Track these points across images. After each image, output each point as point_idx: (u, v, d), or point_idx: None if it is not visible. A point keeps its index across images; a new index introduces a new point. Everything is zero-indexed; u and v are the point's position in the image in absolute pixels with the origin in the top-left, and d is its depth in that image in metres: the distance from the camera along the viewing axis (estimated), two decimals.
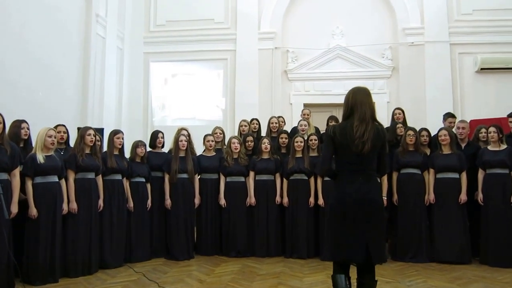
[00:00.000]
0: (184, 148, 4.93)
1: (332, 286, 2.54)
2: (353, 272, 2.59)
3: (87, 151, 4.21)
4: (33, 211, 3.70)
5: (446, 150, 4.74)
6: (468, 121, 5.89)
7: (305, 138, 5.10)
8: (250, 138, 5.33)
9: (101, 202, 4.31)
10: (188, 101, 8.06)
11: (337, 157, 2.63)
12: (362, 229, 2.49)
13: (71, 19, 6.25)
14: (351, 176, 2.55)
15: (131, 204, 4.66)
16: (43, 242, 3.76)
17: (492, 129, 4.62)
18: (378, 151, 2.59)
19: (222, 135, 5.54)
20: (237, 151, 5.05)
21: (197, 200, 4.99)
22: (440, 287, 3.71)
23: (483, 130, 4.94)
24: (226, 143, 5.41)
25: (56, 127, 4.28)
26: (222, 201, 5.00)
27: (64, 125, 4.47)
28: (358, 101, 2.57)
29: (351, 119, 2.56)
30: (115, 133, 4.63)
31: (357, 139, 2.48)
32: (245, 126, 5.72)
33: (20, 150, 3.82)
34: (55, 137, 3.94)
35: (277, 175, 5.06)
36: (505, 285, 3.76)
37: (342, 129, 2.57)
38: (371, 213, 2.51)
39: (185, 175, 4.89)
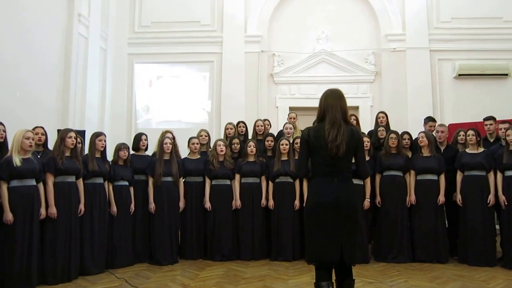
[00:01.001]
0: (169, 151, 4.88)
1: None
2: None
3: (67, 153, 4.10)
4: (9, 216, 3.55)
5: (425, 153, 4.87)
6: (447, 125, 6.06)
7: (291, 141, 5.12)
8: (236, 140, 5.31)
9: (81, 206, 4.19)
10: (173, 104, 7.98)
11: (312, 159, 2.64)
12: (336, 231, 2.50)
13: (52, 18, 6.10)
14: (326, 178, 2.57)
15: (114, 208, 4.56)
16: (19, 248, 3.60)
17: (470, 132, 4.76)
18: (355, 153, 2.62)
19: (207, 138, 5.51)
20: (223, 153, 5.02)
21: (181, 204, 4.94)
22: (421, 287, 3.80)
23: (462, 133, 5.08)
24: (211, 145, 5.38)
25: (34, 129, 4.13)
26: (207, 205, 4.96)
27: (42, 127, 4.35)
28: (329, 104, 2.58)
29: (324, 123, 2.58)
30: (97, 135, 4.53)
31: (330, 142, 2.49)
32: (231, 129, 5.72)
33: None
34: (32, 139, 3.79)
35: (263, 178, 5.06)
36: (482, 283, 3.87)
37: (316, 131, 2.58)
38: (346, 215, 2.52)
39: (169, 179, 4.83)
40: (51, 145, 4.32)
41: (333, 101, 2.59)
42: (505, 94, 7.54)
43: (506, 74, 7.57)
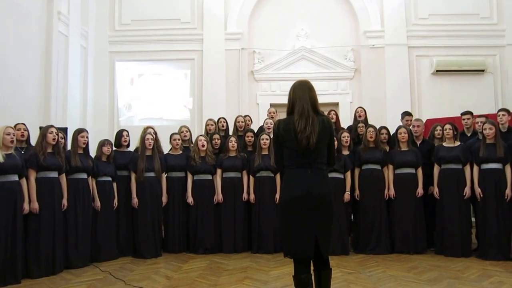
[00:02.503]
0: (151, 146, 4.93)
1: (295, 286, 2.51)
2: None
3: (49, 149, 4.14)
4: None
5: (403, 147, 4.97)
6: (424, 120, 6.20)
7: (271, 136, 5.19)
8: (216, 136, 5.38)
9: (64, 201, 4.23)
10: (155, 101, 7.99)
11: (284, 152, 2.57)
12: (311, 224, 2.47)
13: (31, 16, 6.05)
14: (298, 170, 2.51)
15: (97, 203, 4.61)
16: (3, 242, 3.65)
17: (447, 126, 4.84)
18: (327, 143, 2.57)
19: (188, 134, 5.57)
20: (204, 149, 5.08)
21: (164, 199, 5.00)
22: (398, 276, 3.89)
23: (439, 128, 5.19)
24: (193, 141, 5.43)
25: (15, 125, 4.16)
26: (190, 199, 5.03)
27: (23, 124, 4.35)
28: (297, 96, 2.53)
29: (293, 115, 2.52)
30: (79, 131, 4.57)
31: (299, 133, 2.43)
32: (212, 125, 5.78)
33: None
34: (14, 135, 3.84)
35: (244, 172, 5.13)
36: (457, 273, 3.97)
37: (286, 124, 2.52)
38: (319, 207, 2.48)
39: (152, 174, 4.89)
40: (34, 143, 4.32)
41: (301, 93, 2.53)
42: (481, 90, 7.73)
43: (483, 70, 7.74)
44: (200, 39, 8.00)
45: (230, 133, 5.81)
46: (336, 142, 4.39)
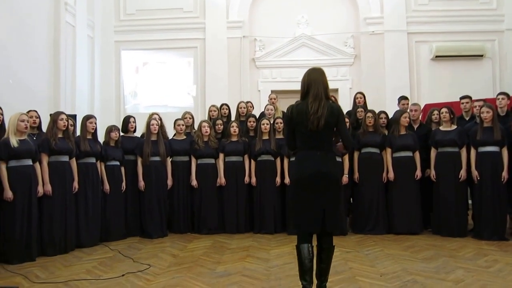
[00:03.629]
0: (156, 132, 5.07)
1: (297, 255, 2.73)
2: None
3: (60, 135, 4.30)
4: (9, 194, 3.79)
5: (402, 131, 5.04)
6: (423, 105, 6.29)
7: (272, 122, 5.33)
8: (219, 121, 5.52)
9: (75, 184, 4.41)
10: (159, 89, 8.13)
11: (297, 135, 2.77)
12: (319, 201, 2.68)
13: (39, 7, 6.19)
14: (309, 152, 2.72)
15: (106, 186, 4.78)
16: (19, 223, 3.85)
17: (444, 109, 4.91)
18: (337, 127, 2.74)
19: (191, 120, 5.71)
20: (207, 134, 5.22)
21: (169, 182, 5.15)
22: (395, 255, 4.01)
23: (436, 112, 5.24)
24: (196, 127, 5.58)
25: (28, 112, 4.32)
26: (194, 182, 5.19)
27: (35, 111, 4.52)
28: (313, 80, 2.70)
29: (307, 98, 2.71)
30: (87, 118, 4.74)
31: (312, 115, 2.62)
32: (214, 111, 5.91)
33: None
34: (27, 121, 3.99)
35: (246, 156, 5.26)
36: (453, 252, 4.09)
37: (299, 108, 2.71)
38: (327, 186, 2.68)
39: (157, 158, 5.04)
40: (45, 130, 4.48)
41: (316, 77, 2.70)
42: (480, 75, 7.76)
43: (482, 55, 7.75)
44: (202, 27, 8.10)
45: (233, 119, 5.93)
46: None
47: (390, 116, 5.41)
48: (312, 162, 2.69)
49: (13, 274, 3.51)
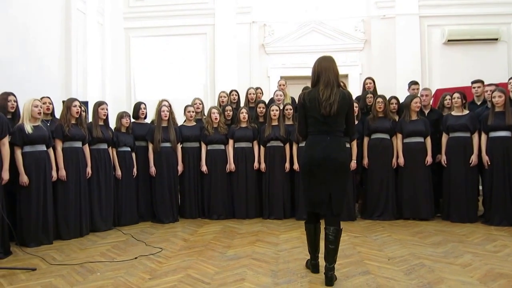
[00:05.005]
0: (166, 118, 5.13)
1: (305, 232, 3.03)
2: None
3: (73, 121, 4.38)
4: (24, 178, 3.87)
5: (413, 117, 5.00)
6: (434, 90, 6.22)
7: (281, 108, 5.33)
8: (229, 108, 5.54)
9: (89, 169, 4.51)
10: (169, 75, 8.14)
11: (308, 121, 2.88)
12: (325, 185, 2.80)
13: None
14: (319, 137, 2.83)
15: (119, 172, 4.87)
16: (35, 207, 3.95)
17: (456, 95, 4.85)
18: (346, 114, 2.83)
19: (201, 106, 5.74)
20: (217, 120, 5.26)
21: (180, 168, 5.22)
22: (403, 240, 4.04)
23: (448, 97, 5.19)
24: (205, 113, 5.61)
25: (41, 98, 4.37)
26: (204, 168, 5.25)
27: (49, 97, 4.60)
28: (323, 67, 2.81)
29: (318, 85, 2.80)
30: (99, 104, 4.79)
31: (324, 101, 2.73)
32: (224, 97, 5.93)
33: (8, 121, 3.91)
34: (41, 107, 4.05)
35: (255, 142, 5.29)
36: (462, 237, 4.10)
37: (311, 94, 2.82)
38: (335, 170, 2.80)
39: (168, 144, 5.10)
40: (58, 116, 4.59)
41: (326, 64, 2.81)
42: (494, 59, 7.58)
43: (496, 39, 7.56)
44: (212, 13, 8.05)
45: (242, 105, 5.94)
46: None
47: (401, 101, 5.36)
48: (321, 147, 2.79)
49: (31, 256, 3.63)
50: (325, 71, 2.78)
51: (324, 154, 2.78)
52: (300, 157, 3.05)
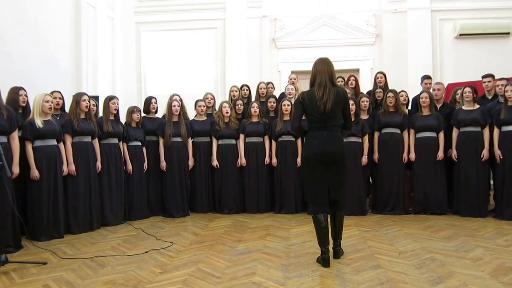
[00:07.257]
0: (177, 113, 5.11)
1: (314, 224, 3.13)
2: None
3: (82, 116, 4.38)
4: (35, 173, 3.89)
5: (425, 112, 4.97)
6: (446, 85, 6.14)
7: (293, 102, 5.27)
8: (240, 102, 5.52)
9: (99, 164, 4.51)
10: (180, 70, 8.14)
11: (307, 118, 3.17)
12: (325, 176, 3.10)
13: None
14: (317, 132, 3.11)
15: (129, 166, 4.88)
16: (46, 201, 3.96)
17: (467, 89, 4.80)
18: (342, 110, 3.12)
19: (213, 100, 5.73)
20: (228, 115, 5.25)
21: (191, 162, 5.22)
22: (414, 234, 4.02)
23: (459, 91, 5.12)
24: (216, 108, 5.60)
25: (52, 93, 4.38)
26: (215, 162, 5.25)
27: (59, 92, 4.60)
28: (318, 70, 3.11)
29: (315, 85, 3.10)
30: (110, 98, 4.79)
31: (318, 100, 3.03)
32: (236, 91, 5.90)
33: (19, 116, 3.93)
34: (51, 102, 4.06)
35: (266, 137, 5.28)
36: (473, 231, 4.07)
37: (309, 94, 3.10)
38: (332, 163, 3.09)
39: (178, 139, 5.09)
40: (67, 111, 4.56)
41: (321, 67, 3.11)
42: (506, 53, 7.51)
43: (508, 33, 7.51)
44: (222, 7, 8.02)
45: (253, 99, 5.90)
46: (354, 107, 4.58)
47: (411, 96, 5.34)
48: (319, 142, 3.07)
49: (42, 250, 3.64)
50: (320, 73, 3.08)
51: (322, 149, 3.05)
52: (302, 152, 3.38)
